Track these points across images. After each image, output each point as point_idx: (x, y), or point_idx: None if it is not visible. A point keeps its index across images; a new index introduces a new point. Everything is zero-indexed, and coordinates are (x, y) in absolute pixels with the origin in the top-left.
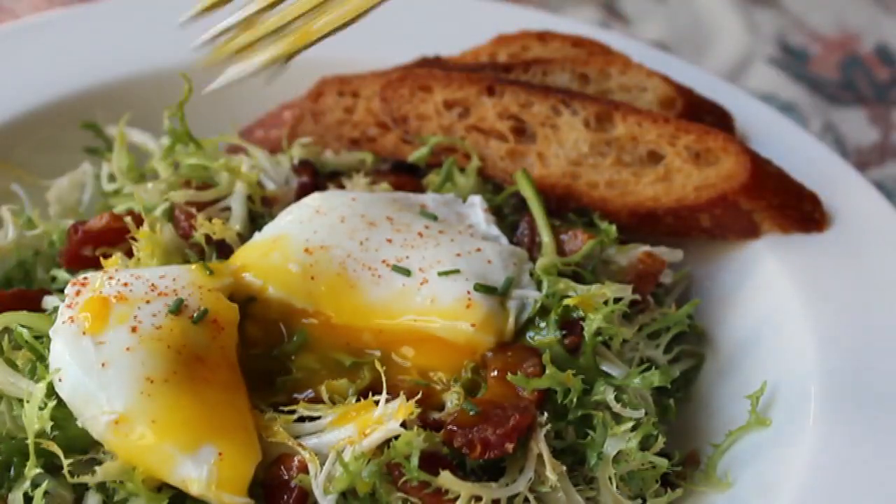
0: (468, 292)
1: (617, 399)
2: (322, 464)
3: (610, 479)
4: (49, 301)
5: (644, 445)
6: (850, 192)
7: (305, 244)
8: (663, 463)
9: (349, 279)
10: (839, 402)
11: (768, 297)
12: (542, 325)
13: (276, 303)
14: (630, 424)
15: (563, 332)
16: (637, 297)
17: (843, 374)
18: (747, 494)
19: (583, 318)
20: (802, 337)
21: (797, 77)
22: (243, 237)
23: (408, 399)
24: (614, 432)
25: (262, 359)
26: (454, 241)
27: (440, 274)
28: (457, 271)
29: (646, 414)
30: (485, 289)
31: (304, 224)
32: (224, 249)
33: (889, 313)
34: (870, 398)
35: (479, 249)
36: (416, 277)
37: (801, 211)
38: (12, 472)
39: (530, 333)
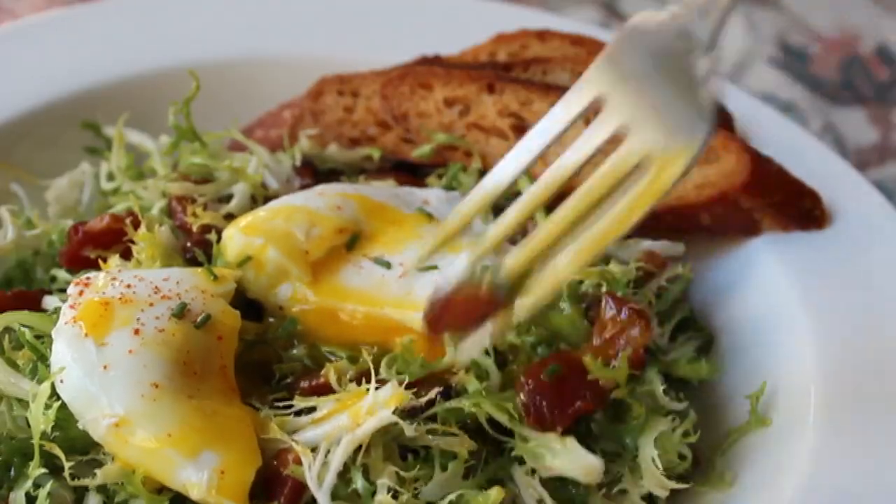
0: None
1: (665, 392)
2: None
3: (653, 460)
4: (49, 301)
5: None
6: (850, 192)
7: (309, 214)
8: (688, 454)
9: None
10: (839, 402)
11: (768, 296)
12: (563, 306)
13: (273, 265)
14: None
15: (585, 304)
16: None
17: (843, 374)
18: (747, 494)
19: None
20: (802, 336)
21: (797, 77)
22: None
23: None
24: (655, 421)
25: (254, 348)
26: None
27: (419, 269)
28: (435, 267)
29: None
30: None
31: (307, 198)
32: None
33: (889, 312)
34: (870, 398)
35: (463, 247)
36: (395, 270)
37: (801, 209)
38: (13, 472)
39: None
